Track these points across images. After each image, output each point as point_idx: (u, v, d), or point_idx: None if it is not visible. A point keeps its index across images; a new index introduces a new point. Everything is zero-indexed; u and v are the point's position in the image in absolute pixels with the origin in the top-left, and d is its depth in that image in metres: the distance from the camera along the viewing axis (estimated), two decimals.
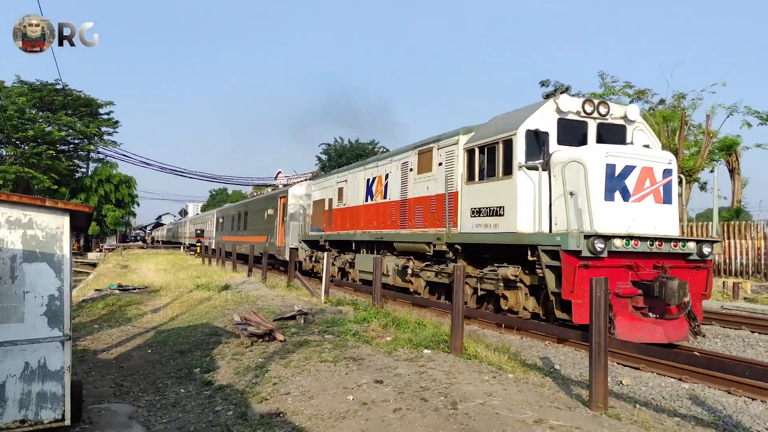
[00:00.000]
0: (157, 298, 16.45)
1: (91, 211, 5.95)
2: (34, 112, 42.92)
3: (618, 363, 8.01)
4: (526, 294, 10.54)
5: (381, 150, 45.08)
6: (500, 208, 10.78)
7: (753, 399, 6.40)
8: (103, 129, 47.80)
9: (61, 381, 5.08)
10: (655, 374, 7.49)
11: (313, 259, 22.28)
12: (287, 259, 21.81)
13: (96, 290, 18.43)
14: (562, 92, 10.94)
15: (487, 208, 11.21)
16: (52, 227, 5.19)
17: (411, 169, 14.65)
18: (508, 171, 10.59)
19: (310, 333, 9.28)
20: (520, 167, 10.30)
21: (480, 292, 11.82)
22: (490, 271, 11.37)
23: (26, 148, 40.73)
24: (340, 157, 45.15)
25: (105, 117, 47.90)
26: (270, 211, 26.72)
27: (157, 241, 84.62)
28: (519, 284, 10.55)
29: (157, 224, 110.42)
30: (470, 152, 11.85)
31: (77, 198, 43.95)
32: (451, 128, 13.63)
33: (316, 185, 23.12)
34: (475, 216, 11.59)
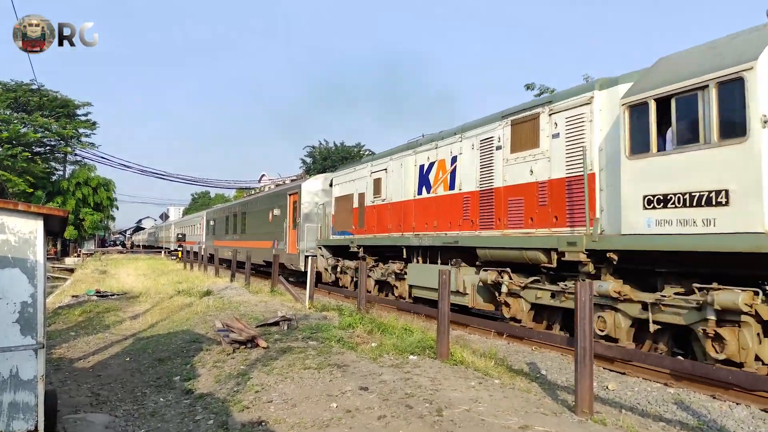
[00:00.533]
0: (136, 304, 16.17)
1: (66, 215, 5.79)
2: (8, 113, 42.20)
3: (604, 368, 7.97)
4: (759, 335, 6.74)
5: (366, 153, 43.97)
6: (719, 193, 6.77)
7: (737, 403, 6.39)
8: (81, 130, 47.09)
9: (34, 391, 4.90)
10: (641, 379, 7.46)
11: (338, 269, 18.08)
12: (302, 269, 19.08)
13: (73, 296, 18.09)
14: None
15: (685, 195, 7.15)
16: (25, 232, 5.02)
17: (499, 147, 10.89)
18: (735, 131, 6.66)
19: (294, 339, 9.16)
20: (765, 122, 6.42)
21: (653, 327, 7.75)
22: (676, 296, 7.45)
23: (0, 150, 40.00)
24: (325, 159, 44.77)
25: (82, 118, 47.18)
26: (276, 212, 23.08)
27: (137, 246, 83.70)
28: (746, 318, 6.69)
29: (138, 228, 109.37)
30: (637, 109, 7.83)
31: (54, 201, 43.26)
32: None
33: (339, 178, 19.06)
34: (653, 208, 7.54)
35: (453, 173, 12.42)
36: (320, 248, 19.25)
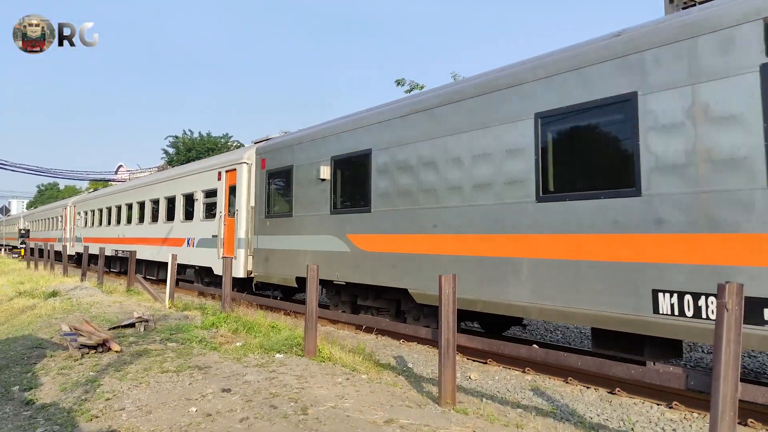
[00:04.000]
0: None
1: None
2: None
3: (468, 358, 8.26)
4: None
5: (234, 144, 41.91)
6: None
7: (587, 387, 6.88)
8: None
9: None
10: (501, 368, 7.82)
11: None
12: None
13: None
14: None
15: None
16: None
17: None
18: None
19: (151, 341, 8.63)
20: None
21: None
22: None
23: None
24: (189, 150, 42.37)
25: None
26: None
27: None
28: None
29: None
30: None
31: None
32: None
33: None
34: None
35: None
36: None
